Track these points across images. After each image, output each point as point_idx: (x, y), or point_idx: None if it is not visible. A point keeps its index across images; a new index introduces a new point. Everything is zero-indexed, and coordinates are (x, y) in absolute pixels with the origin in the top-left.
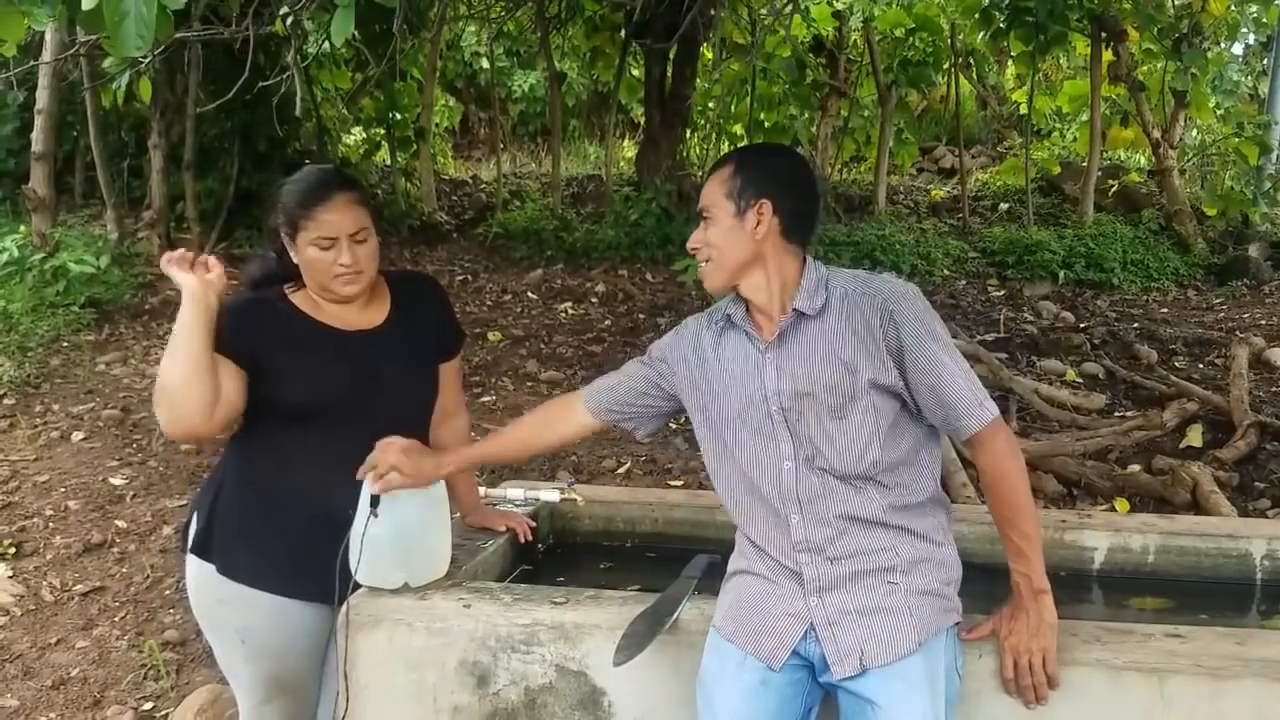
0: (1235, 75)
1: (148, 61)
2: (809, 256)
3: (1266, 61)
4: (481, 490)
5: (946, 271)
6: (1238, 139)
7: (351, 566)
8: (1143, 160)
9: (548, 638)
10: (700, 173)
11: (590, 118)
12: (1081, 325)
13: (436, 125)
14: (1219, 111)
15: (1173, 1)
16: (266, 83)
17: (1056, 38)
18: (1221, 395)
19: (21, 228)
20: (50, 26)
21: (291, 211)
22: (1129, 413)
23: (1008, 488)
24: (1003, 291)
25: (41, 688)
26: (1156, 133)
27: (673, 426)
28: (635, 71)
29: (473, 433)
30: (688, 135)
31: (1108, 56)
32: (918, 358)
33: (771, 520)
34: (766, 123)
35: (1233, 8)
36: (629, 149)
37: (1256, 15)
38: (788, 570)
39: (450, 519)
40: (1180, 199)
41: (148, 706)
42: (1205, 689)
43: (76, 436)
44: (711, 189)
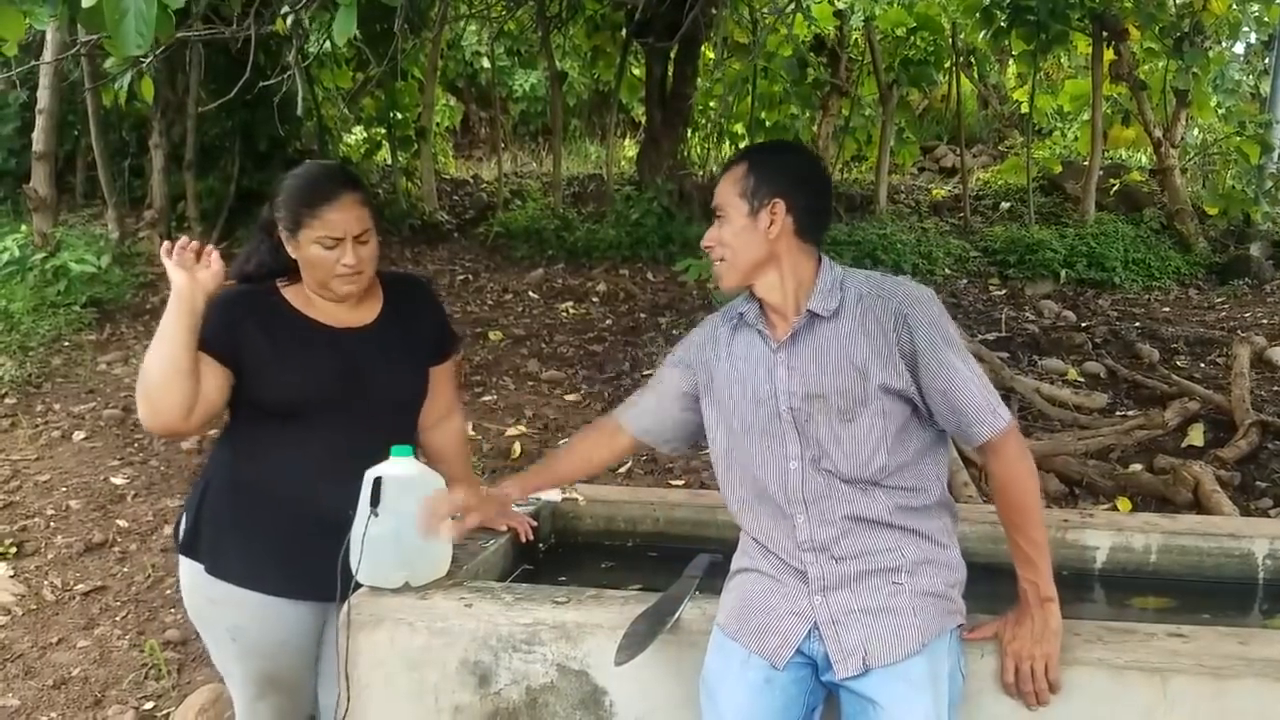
0: (1237, 74)
1: (149, 61)
2: (824, 256)
3: (1268, 60)
4: (482, 490)
5: (948, 271)
6: (1239, 138)
7: (352, 566)
8: (1144, 159)
9: (549, 637)
10: (701, 172)
11: (591, 117)
12: (1083, 324)
13: (437, 125)
14: (1220, 110)
15: (1174, 0)
16: (268, 82)
17: (1058, 37)
18: (1223, 394)
19: (23, 227)
20: (51, 26)
21: (295, 209)
22: (1130, 412)
23: (1018, 495)
24: (1004, 291)
25: (43, 687)
26: (1158, 132)
27: None
28: (636, 71)
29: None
30: (689, 134)
31: (1109, 55)
32: (931, 363)
33: (777, 519)
34: (768, 122)
35: (1234, 7)
36: (630, 148)
37: (1258, 14)
38: (792, 569)
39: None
40: (1182, 198)
41: (149, 706)
42: (1207, 689)
43: (78, 436)
44: (725, 188)
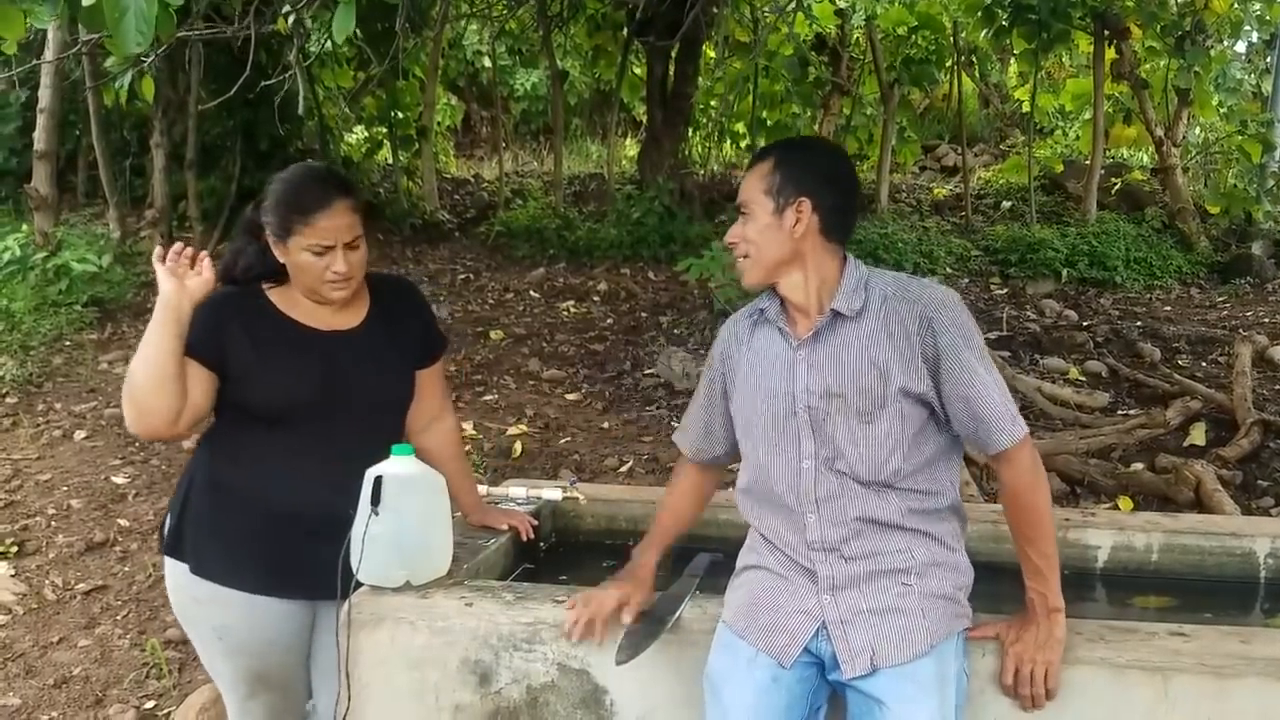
0: (1238, 73)
1: (150, 60)
2: (850, 255)
3: (1270, 59)
4: (483, 489)
5: (949, 270)
6: (1241, 137)
7: (353, 565)
8: (1146, 158)
9: (550, 636)
10: (703, 171)
11: (592, 116)
12: (1084, 323)
13: (438, 124)
14: (1222, 109)
15: None
16: (269, 81)
17: (1059, 35)
18: (1225, 393)
19: (24, 226)
20: (52, 25)
21: (285, 214)
22: (1132, 411)
23: (1031, 506)
24: (1005, 290)
25: (44, 686)
26: (1159, 131)
27: (673, 425)
28: (637, 70)
29: (476, 431)
30: (690, 134)
31: (1111, 54)
32: (954, 368)
33: (787, 517)
34: (769, 121)
35: (1236, 5)
36: (631, 147)
37: (1260, 13)
38: (801, 567)
39: (452, 518)
40: (1183, 197)
41: (150, 705)
42: (1209, 688)
43: (79, 435)
44: (750, 184)
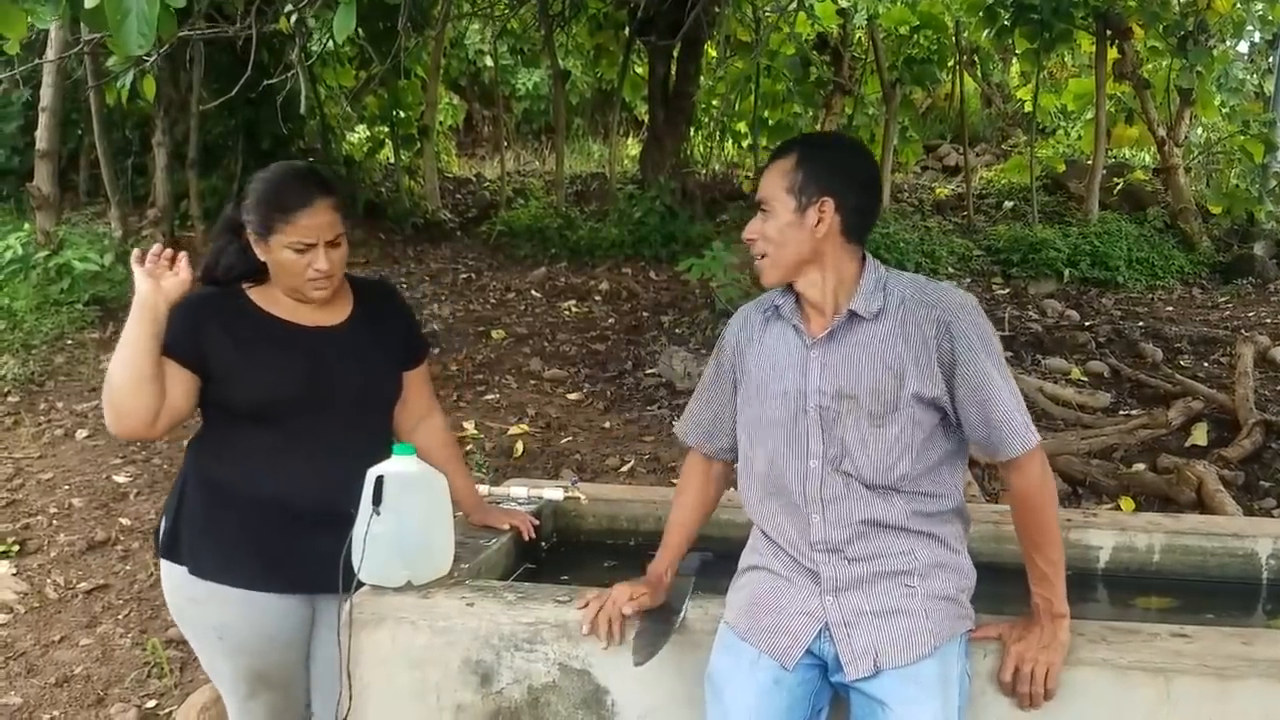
0: (1240, 73)
1: (151, 60)
2: (868, 255)
3: (1272, 59)
4: (484, 489)
5: (951, 269)
6: (1243, 137)
7: (355, 564)
8: (1148, 158)
9: (551, 636)
10: (704, 170)
11: (594, 116)
12: (1086, 323)
13: (440, 123)
14: (1224, 109)
15: None
16: (270, 80)
17: (1061, 35)
18: (1226, 394)
19: (26, 225)
20: (54, 24)
21: (267, 213)
22: (1134, 411)
23: (1038, 513)
24: (1007, 290)
25: (45, 685)
26: (1161, 130)
27: (674, 424)
28: (639, 69)
29: (477, 430)
30: (692, 133)
31: (1113, 54)
32: (970, 374)
33: (792, 518)
34: (771, 120)
35: (1238, 5)
36: (633, 147)
37: (1262, 12)
38: (804, 568)
39: (453, 517)
40: (1185, 197)
41: (151, 704)
42: (1211, 689)
43: (80, 434)
44: (771, 180)
